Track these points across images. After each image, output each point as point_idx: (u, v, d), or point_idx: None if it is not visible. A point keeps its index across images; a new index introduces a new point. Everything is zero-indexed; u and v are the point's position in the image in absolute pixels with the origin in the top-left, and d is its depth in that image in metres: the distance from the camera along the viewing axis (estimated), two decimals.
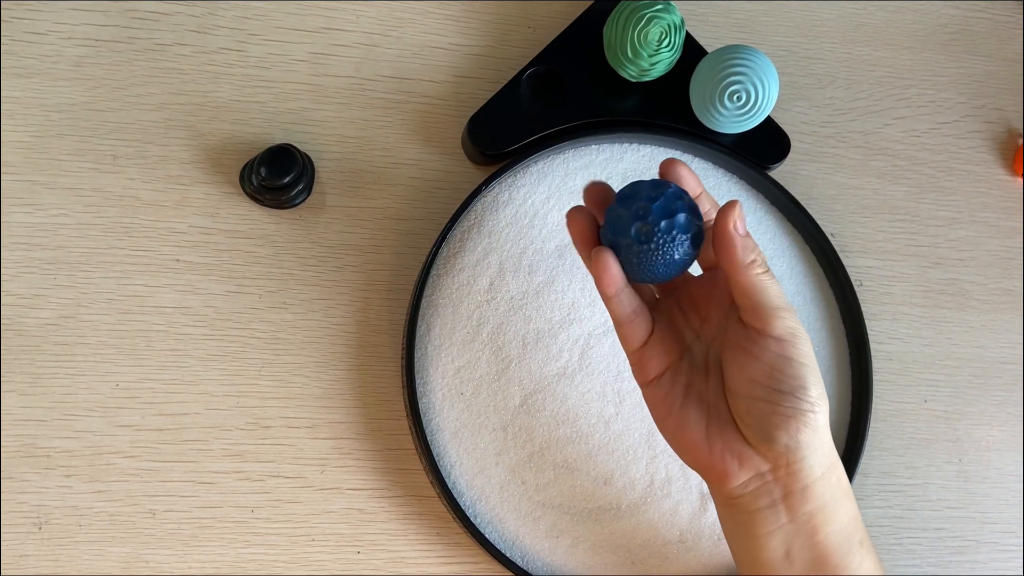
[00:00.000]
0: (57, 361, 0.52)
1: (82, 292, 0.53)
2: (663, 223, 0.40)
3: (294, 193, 0.55)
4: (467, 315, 0.54)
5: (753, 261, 0.42)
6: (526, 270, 0.55)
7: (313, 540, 0.53)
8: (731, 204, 0.42)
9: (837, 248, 0.61)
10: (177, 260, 0.54)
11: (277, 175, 0.53)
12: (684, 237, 0.41)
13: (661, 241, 0.40)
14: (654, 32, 0.56)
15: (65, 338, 0.52)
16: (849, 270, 0.61)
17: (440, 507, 0.54)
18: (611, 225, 0.42)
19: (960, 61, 0.68)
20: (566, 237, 0.56)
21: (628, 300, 0.43)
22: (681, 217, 0.40)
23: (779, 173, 0.62)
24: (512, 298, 0.55)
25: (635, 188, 0.42)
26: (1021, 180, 0.67)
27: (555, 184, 0.57)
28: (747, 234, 0.42)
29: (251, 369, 0.54)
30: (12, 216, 0.53)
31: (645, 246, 0.40)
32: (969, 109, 0.68)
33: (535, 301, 0.55)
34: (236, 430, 0.53)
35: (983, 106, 0.68)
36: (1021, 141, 0.67)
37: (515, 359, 0.54)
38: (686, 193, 0.42)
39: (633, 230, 0.40)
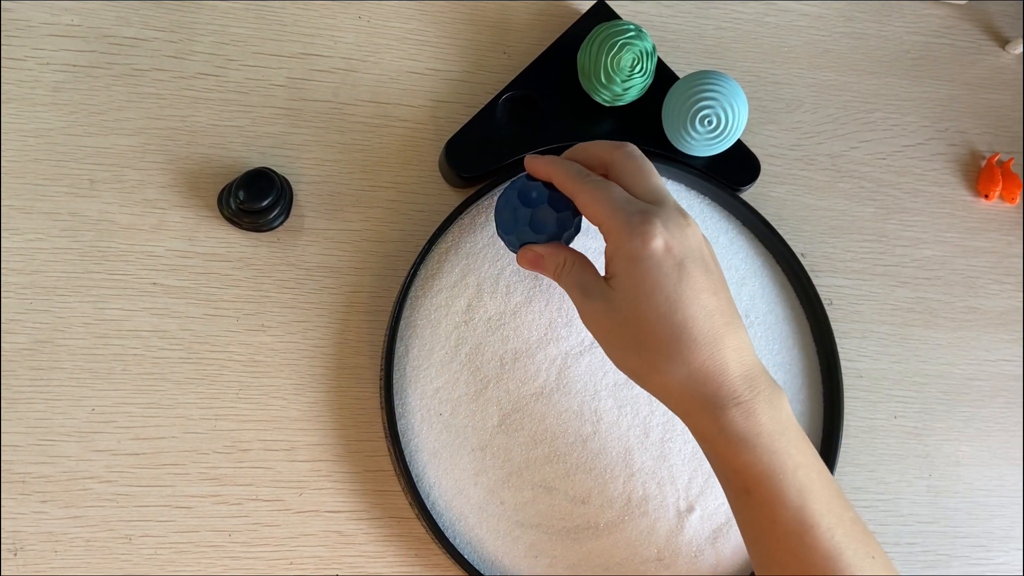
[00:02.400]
0: (32, 386, 0.52)
1: (58, 316, 0.53)
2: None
3: (272, 216, 0.55)
4: (445, 336, 0.55)
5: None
6: (503, 291, 0.56)
7: (291, 563, 0.53)
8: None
9: (807, 268, 0.62)
10: (154, 283, 0.54)
11: (255, 198, 0.53)
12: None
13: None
14: (626, 58, 0.57)
15: (40, 363, 0.52)
16: (819, 289, 0.63)
17: (419, 529, 0.54)
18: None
19: (923, 86, 0.70)
20: None
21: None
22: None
23: (750, 195, 0.64)
24: (490, 319, 0.55)
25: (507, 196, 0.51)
26: (984, 199, 0.69)
27: None
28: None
29: (228, 392, 0.54)
30: None
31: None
32: (933, 132, 0.69)
33: (512, 321, 0.56)
34: (213, 453, 0.53)
35: (946, 129, 0.70)
36: (984, 162, 0.69)
37: (493, 379, 0.55)
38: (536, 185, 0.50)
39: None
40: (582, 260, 0.49)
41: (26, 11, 0.56)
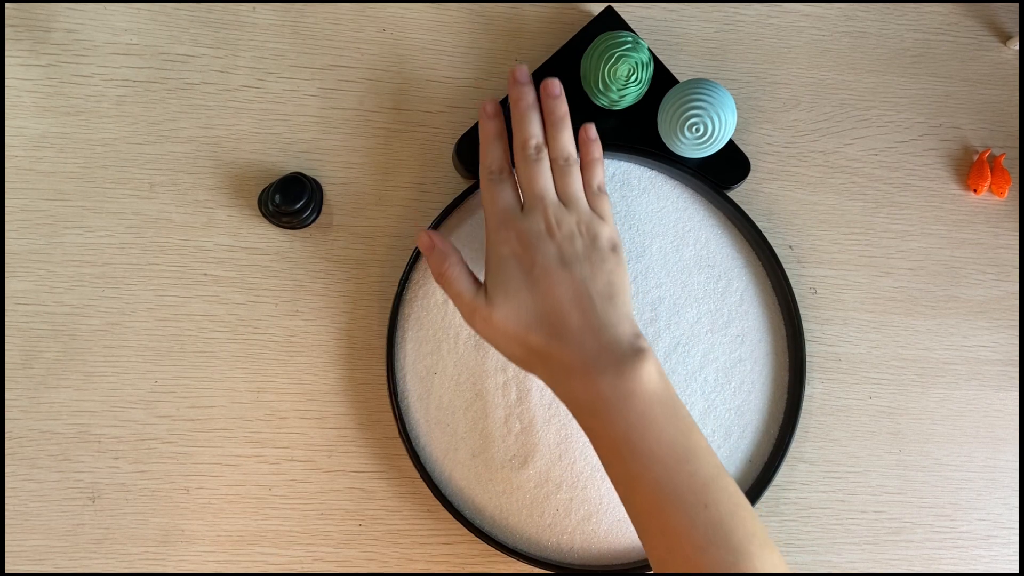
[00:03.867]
0: (106, 361, 0.62)
1: (125, 303, 0.62)
2: None
3: (305, 216, 0.63)
4: (435, 322, 0.62)
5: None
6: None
7: (321, 514, 0.62)
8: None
9: (795, 259, 0.68)
10: (205, 274, 0.63)
11: (289, 201, 0.61)
12: None
13: None
14: (622, 69, 0.62)
15: (112, 342, 0.62)
16: (805, 279, 0.68)
17: (425, 488, 0.62)
18: None
19: (921, 82, 0.74)
20: None
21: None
22: None
23: (743, 191, 0.69)
24: None
25: None
26: (974, 193, 0.72)
27: None
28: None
29: (269, 368, 0.63)
30: (66, 237, 0.62)
31: None
32: (927, 128, 0.73)
33: None
34: (256, 420, 0.62)
35: (941, 125, 0.73)
36: (976, 157, 0.73)
37: (476, 364, 0.62)
38: None
39: None
40: (463, 264, 0.58)
41: (90, 32, 0.64)
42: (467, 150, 0.64)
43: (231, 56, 0.65)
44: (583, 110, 0.66)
